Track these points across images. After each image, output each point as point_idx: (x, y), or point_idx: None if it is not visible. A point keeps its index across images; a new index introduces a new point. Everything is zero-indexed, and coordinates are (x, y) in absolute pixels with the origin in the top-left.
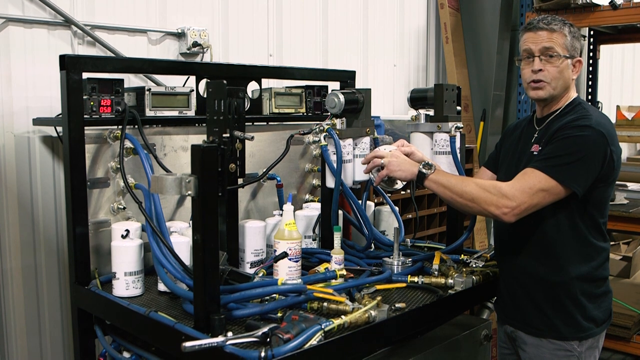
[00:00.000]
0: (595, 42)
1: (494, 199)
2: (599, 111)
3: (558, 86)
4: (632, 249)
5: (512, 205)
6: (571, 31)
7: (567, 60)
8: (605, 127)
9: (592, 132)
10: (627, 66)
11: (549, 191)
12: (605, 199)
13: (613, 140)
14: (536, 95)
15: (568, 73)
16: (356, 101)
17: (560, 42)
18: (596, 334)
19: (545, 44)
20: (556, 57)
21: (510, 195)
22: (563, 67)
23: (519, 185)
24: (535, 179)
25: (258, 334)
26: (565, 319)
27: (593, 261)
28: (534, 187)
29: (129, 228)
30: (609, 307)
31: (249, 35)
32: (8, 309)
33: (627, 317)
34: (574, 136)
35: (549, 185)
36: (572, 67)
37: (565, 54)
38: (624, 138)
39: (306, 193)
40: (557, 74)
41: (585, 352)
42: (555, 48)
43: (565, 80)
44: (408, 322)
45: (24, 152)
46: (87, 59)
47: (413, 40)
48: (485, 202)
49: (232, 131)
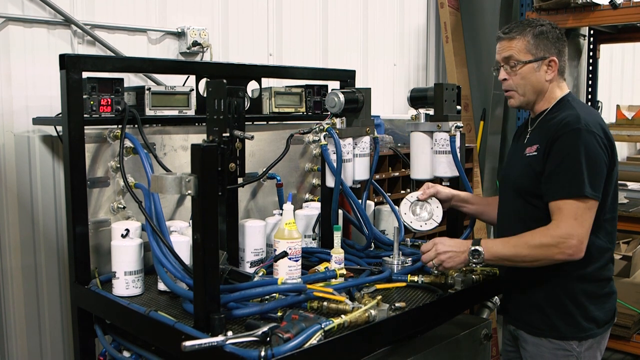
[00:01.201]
0: (595, 42)
1: (555, 249)
2: (588, 107)
3: (526, 92)
4: (632, 249)
5: (573, 244)
6: (536, 33)
7: (531, 65)
8: (594, 124)
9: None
10: (627, 65)
11: (589, 208)
12: (607, 194)
13: (605, 134)
14: (510, 104)
15: (536, 76)
16: (356, 100)
17: (521, 47)
18: (597, 334)
19: (505, 53)
20: (517, 64)
21: (567, 235)
22: (526, 72)
23: (564, 223)
24: (573, 206)
25: (258, 334)
26: (565, 318)
27: (595, 262)
28: (577, 215)
29: (129, 227)
30: (612, 308)
31: (248, 35)
32: (8, 308)
33: (627, 316)
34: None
35: (584, 204)
36: (546, 67)
37: (526, 59)
38: (624, 137)
39: (306, 192)
40: (520, 81)
41: (584, 353)
42: (514, 56)
43: (533, 85)
44: (408, 322)
45: (24, 152)
46: (87, 59)
47: (413, 39)
48: (549, 255)
49: (232, 130)
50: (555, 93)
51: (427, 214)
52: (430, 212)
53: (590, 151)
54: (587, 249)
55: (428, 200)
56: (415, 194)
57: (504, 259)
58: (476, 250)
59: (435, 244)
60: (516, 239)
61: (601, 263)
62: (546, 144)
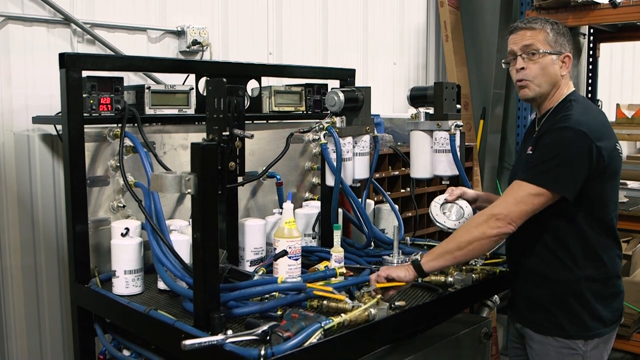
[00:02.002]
0: (595, 40)
1: (484, 226)
2: (590, 107)
3: (543, 83)
4: (632, 247)
5: (502, 217)
6: (554, 28)
7: (551, 56)
8: (588, 125)
9: (570, 132)
10: (627, 64)
11: (538, 197)
12: (606, 195)
13: (599, 136)
14: (523, 96)
15: (553, 69)
16: (356, 99)
17: (541, 38)
18: (603, 334)
19: (525, 42)
20: (537, 53)
21: (496, 211)
22: (546, 63)
23: (502, 200)
24: (520, 189)
25: (258, 332)
26: (571, 317)
27: (601, 261)
28: (517, 198)
29: (128, 226)
30: (619, 308)
31: (248, 34)
32: (8, 307)
33: (627, 315)
34: (553, 140)
35: (536, 191)
36: (561, 63)
37: (547, 50)
38: (624, 136)
39: (306, 191)
40: (539, 71)
41: (590, 352)
42: (535, 44)
43: (550, 77)
44: (408, 321)
45: (24, 151)
46: (86, 57)
47: (413, 38)
48: (481, 233)
49: (231, 129)
50: (562, 91)
51: (457, 213)
52: (458, 211)
53: (569, 147)
54: (593, 248)
55: (456, 201)
56: (443, 197)
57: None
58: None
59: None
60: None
61: (607, 262)
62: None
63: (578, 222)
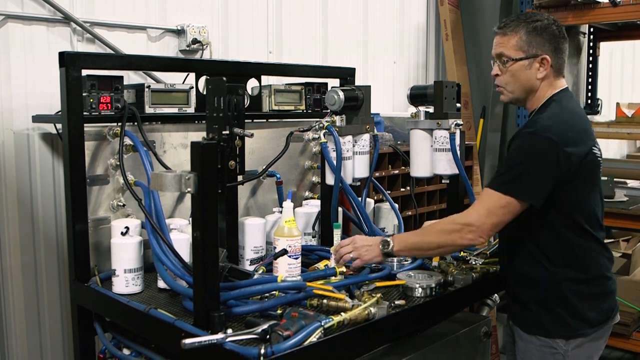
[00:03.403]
0: (595, 39)
1: (457, 235)
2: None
3: (515, 89)
4: (632, 246)
5: (473, 229)
6: (530, 29)
7: (522, 62)
8: (556, 130)
9: (534, 138)
10: (627, 63)
11: (506, 207)
12: (583, 198)
13: (569, 142)
14: (500, 100)
15: (526, 74)
16: (356, 98)
17: (512, 44)
18: (588, 334)
19: (497, 49)
20: (508, 62)
21: (469, 221)
22: (515, 70)
23: (475, 210)
24: (490, 199)
25: (258, 331)
26: (552, 317)
27: (582, 262)
28: (489, 207)
29: (128, 225)
30: (608, 308)
31: (248, 32)
32: (8, 306)
33: (627, 314)
34: (519, 146)
35: (504, 202)
36: (538, 65)
37: (517, 56)
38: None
39: (306, 190)
40: (509, 78)
41: (572, 351)
42: (505, 53)
43: (522, 83)
44: (407, 319)
45: (24, 150)
46: (86, 56)
47: (413, 37)
48: (451, 240)
49: (231, 128)
50: (546, 92)
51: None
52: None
53: (533, 154)
54: (572, 250)
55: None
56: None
57: (412, 246)
58: (385, 241)
59: (353, 239)
60: (426, 228)
61: (591, 264)
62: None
63: (556, 226)
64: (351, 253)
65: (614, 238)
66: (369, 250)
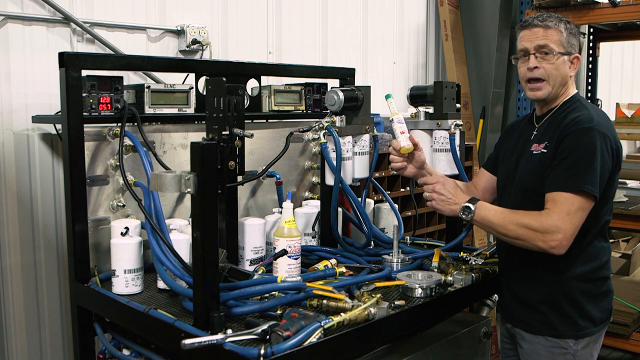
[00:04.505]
0: (594, 40)
1: (539, 236)
2: (597, 108)
3: (556, 83)
4: (632, 247)
5: (559, 238)
6: (567, 27)
7: (563, 57)
8: (606, 126)
9: (596, 134)
10: (626, 64)
11: (583, 207)
12: (610, 196)
13: (614, 137)
14: (534, 97)
15: (565, 69)
16: (356, 98)
17: (556, 38)
18: (594, 333)
19: (540, 41)
20: (551, 54)
21: (555, 228)
22: (559, 64)
23: (556, 214)
24: (568, 201)
25: (257, 332)
26: (561, 317)
27: (593, 261)
28: (570, 211)
29: (128, 225)
30: (608, 307)
31: (248, 33)
32: (7, 306)
33: (626, 314)
34: (582, 144)
35: (580, 201)
36: (570, 64)
37: (560, 51)
38: (624, 136)
39: (306, 190)
40: (553, 71)
41: (581, 351)
42: (550, 45)
43: (562, 77)
44: (407, 320)
45: (24, 150)
46: (86, 57)
47: (412, 37)
48: (532, 239)
49: (231, 129)
50: (568, 91)
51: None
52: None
53: (597, 151)
54: (587, 249)
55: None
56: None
57: (490, 225)
58: (468, 207)
59: (438, 182)
60: (509, 213)
61: (601, 263)
62: (556, 141)
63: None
64: (429, 194)
65: (614, 238)
66: (446, 203)
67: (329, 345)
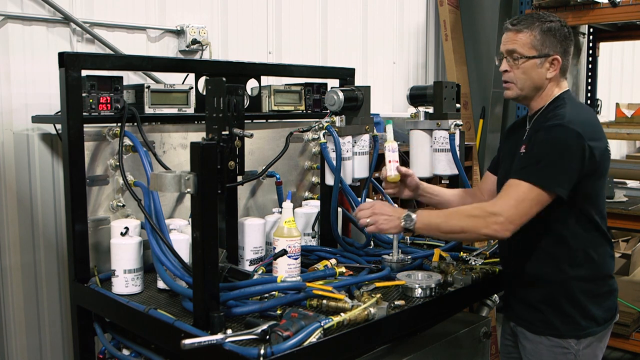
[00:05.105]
0: (594, 40)
1: (482, 222)
2: (581, 106)
3: (525, 87)
4: (632, 247)
5: (500, 221)
6: (544, 29)
7: (534, 60)
8: (580, 124)
9: (563, 130)
10: (626, 64)
11: (535, 199)
12: (597, 192)
13: (591, 135)
14: (506, 95)
15: (537, 73)
16: (355, 98)
17: (526, 42)
18: (596, 332)
19: (509, 46)
20: (520, 59)
21: (497, 212)
22: (527, 68)
23: (502, 200)
24: (518, 189)
25: (257, 332)
26: (563, 317)
27: (592, 261)
28: (518, 198)
29: (128, 225)
30: (612, 307)
31: (248, 33)
32: (7, 306)
33: (626, 314)
34: (546, 138)
35: (532, 193)
36: (548, 65)
37: (530, 54)
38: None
39: (305, 190)
40: (520, 75)
41: (583, 351)
42: (517, 50)
43: (533, 81)
44: (407, 320)
45: (23, 150)
46: (86, 57)
47: (412, 37)
48: (475, 227)
49: (231, 129)
50: (552, 91)
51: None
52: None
53: (560, 146)
54: (585, 248)
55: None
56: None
57: (435, 227)
58: (408, 215)
59: (374, 204)
60: (452, 210)
61: (600, 262)
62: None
63: (568, 222)
64: (369, 218)
65: (614, 238)
66: (388, 221)
67: (328, 345)
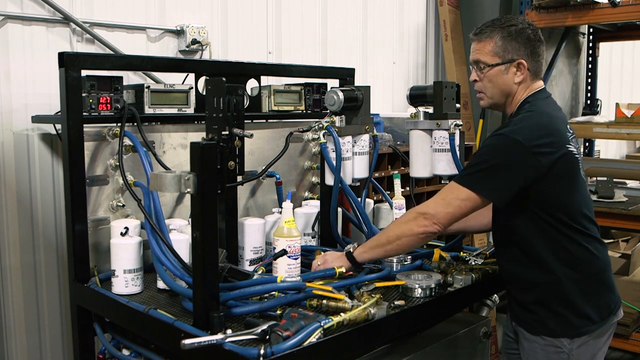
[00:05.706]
0: (594, 40)
1: (413, 223)
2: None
3: (495, 95)
4: (631, 247)
5: (428, 217)
6: (505, 34)
7: (499, 67)
8: (527, 131)
9: (503, 139)
10: (626, 64)
11: (465, 200)
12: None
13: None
14: (481, 105)
15: (503, 79)
16: (355, 99)
17: (488, 50)
18: (592, 331)
19: (474, 56)
20: (485, 67)
21: (425, 210)
22: (491, 76)
23: (433, 200)
24: (450, 190)
25: (257, 332)
26: (555, 317)
27: (575, 259)
28: (447, 197)
29: (128, 225)
30: (608, 303)
31: (248, 33)
32: (7, 306)
33: (626, 314)
34: (486, 146)
35: (463, 195)
36: (514, 69)
37: (493, 62)
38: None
39: (305, 190)
40: (487, 84)
41: (577, 350)
42: (481, 59)
43: (500, 87)
44: (407, 320)
45: (23, 150)
46: (86, 57)
47: (412, 37)
48: (409, 230)
49: (231, 129)
50: (519, 96)
51: None
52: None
53: (500, 154)
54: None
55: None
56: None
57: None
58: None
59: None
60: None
61: (585, 260)
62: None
63: (543, 226)
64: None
65: (614, 238)
66: (336, 261)
67: (328, 345)
